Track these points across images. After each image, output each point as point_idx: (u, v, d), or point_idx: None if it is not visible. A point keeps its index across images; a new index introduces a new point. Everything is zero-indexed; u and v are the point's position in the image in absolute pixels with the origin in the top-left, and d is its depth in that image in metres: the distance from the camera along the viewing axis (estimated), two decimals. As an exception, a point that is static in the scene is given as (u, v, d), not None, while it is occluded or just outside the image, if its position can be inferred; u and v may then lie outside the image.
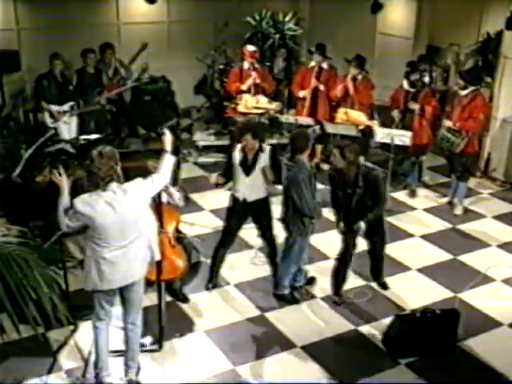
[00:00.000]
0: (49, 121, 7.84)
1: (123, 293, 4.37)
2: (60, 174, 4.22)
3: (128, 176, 4.53)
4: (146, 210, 4.30)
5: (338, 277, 5.67)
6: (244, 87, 8.49)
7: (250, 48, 8.69)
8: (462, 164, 7.35)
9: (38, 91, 8.18)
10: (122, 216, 4.07)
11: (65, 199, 4.16)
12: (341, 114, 7.93)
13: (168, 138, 4.53)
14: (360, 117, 7.83)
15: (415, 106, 7.66)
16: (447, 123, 7.25)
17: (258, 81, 8.53)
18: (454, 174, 7.58)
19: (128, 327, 4.51)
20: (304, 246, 5.55)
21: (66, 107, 7.96)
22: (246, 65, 8.58)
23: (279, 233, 5.74)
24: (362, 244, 5.76)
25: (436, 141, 7.51)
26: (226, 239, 5.81)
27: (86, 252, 4.25)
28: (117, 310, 4.61)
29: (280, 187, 5.53)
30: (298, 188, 5.17)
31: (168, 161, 4.41)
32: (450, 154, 7.39)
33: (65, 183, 4.20)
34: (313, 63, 8.54)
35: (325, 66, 8.53)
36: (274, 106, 8.49)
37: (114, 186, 4.07)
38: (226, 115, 8.93)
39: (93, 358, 4.61)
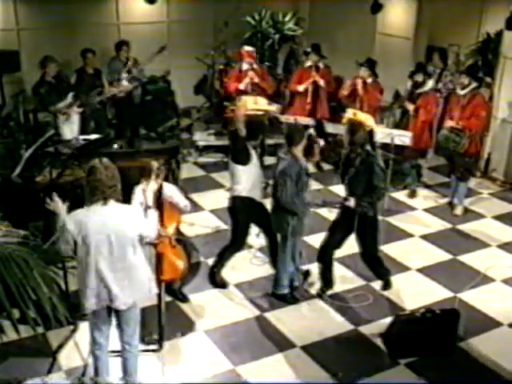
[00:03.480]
0: (62, 120, 7.82)
1: (117, 311, 4.22)
2: (52, 200, 4.04)
3: (129, 176, 4.54)
4: (136, 238, 4.06)
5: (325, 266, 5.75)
6: (241, 86, 8.51)
7: (247, 48, 8.75)
8: (464, 164, 7.35)
9: (39, 98, 8.16)
10: (113, 233, 3.94)
11: (62, 222, 3.97)
12: (349, 114, 7.91)
13: (150, 191, 4.39)
14: (368, 120, 7.80)
15: (410, 107, 7.69)
16: (449, 123, 7.25)
17: (256, 80, 8.54)
18: (454, 174, 7.58)
19: (124, 347, 4.38)
20: (296, 244, 5.55)
21: (68, 99, 7.95)
22: (244, 65, 8.62)
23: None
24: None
25: (440, 142, 7.48)
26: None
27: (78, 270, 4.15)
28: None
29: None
30: (283, 179, 5.20)
31: (152, 217, 4.21)
32: (452, 154, 7.37)
33: (60, 208, 4.01)
34: (309, 63, 8.61)
35: (321, 65, 8.62)
36: (274, 108, 8.48)
37: (112, 202, 3.97)
38: (225, 115, 8.92)
39: (91, 360, 4.59)
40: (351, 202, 5.38)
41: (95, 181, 3.90)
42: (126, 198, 5.06)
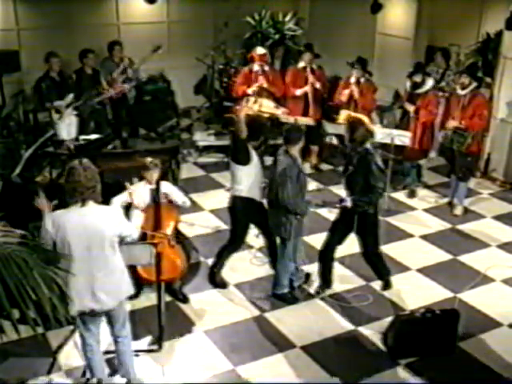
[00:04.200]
0: (55, 117, 7.83)
1: (104, 312, 4.23)
2: (39, 197, 4.07)
3: (128, 176, 4.54)
4: (115, 239, 4.07)
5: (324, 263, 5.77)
6: (250, 91, 8.47)
7: (260, 51, 8.64)
8: (466, 164, 7.35)
9: (38, 92, 8.18)
10: (92, 233, 3.94)
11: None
12: (343, 115, 7.91)
13: (136, 198, 4.52)
14: (363, 119, 7.80)
15: (410, 108, 7.68)
16: (452, 123, 7.24)
17: (265, 85, 8.51)
18: (455, 174, 7.57)
19: (116, 340, 4.42)
20: (297, 244, 5.56)
21: (68, 99, 7.96)
22: (255, 67, 8.57)
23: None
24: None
25: (444, 141, 7.48)
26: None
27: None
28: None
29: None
30: (283, 180, 5.20)
31: (136, 217, 4.32)
32: (454, 154, 7.36)
33: (46, 206, 4.06)
34: (302, 63, 8.56)
35: (314, 66, 8.59)
36: (280, 111, 8.45)
37: (91, 203, 3.98)
38: (228, 115, 8.89)
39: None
40: (348, 203, 5.39)
41: (74, 182, 3.90)
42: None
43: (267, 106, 8.34)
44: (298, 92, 8.51)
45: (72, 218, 3.94)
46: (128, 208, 5.17)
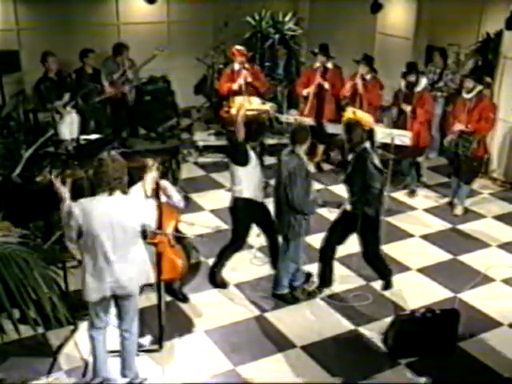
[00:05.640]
0: (57, 117, 7.86)
1: (117, 300, 4.36)
2: (64, 183, 4.28)
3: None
4: (138, 229, 4.22)
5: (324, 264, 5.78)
6: (235, 86, 8.45)
7: (238, 47, 8.66)
8: (472, 168, 7.33)
9: (37, 93, 8.18)
10: (116, 222, 4.08)
11: (67, 207, 4.15)
12: (349, 113, 7.90)
13: (148, 182, 4.66)
14: (367, 118, 7.79)
15: (407, 108, 7.67)
16: (458, 127, 7.21)
17: (249, 79, 8.49)
18: (458, 177, 7.51)
19: (123, 334, 4.48)
20: (300, 245, 5.56)
21: (66, 98, 7.98)
22: (236, 66, 8.55)
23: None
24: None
25: (449, 145, 7.45)
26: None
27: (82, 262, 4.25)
28: (113, 309, 4.56)
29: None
30: (293, 179, 5.20)
31: (152, 206, 4.39)
32: (460, 158, 7.32)
33: (66, 192, 4.23)
34: (318, 64, 8.54)
35: (329, 65, 8.54)
36: (268, 106, 8.44)
37: (118, 193, 4.13)
38: (220, 115, 8.88)
39: (91, 360, 4.59)
40: (346, 206, 5.41)
41: (102, 172, 4.10)
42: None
43: (254, 103, 8.32)
44: (305, 92, 8.51)
45: (99, 206, 4.09)
46: None
